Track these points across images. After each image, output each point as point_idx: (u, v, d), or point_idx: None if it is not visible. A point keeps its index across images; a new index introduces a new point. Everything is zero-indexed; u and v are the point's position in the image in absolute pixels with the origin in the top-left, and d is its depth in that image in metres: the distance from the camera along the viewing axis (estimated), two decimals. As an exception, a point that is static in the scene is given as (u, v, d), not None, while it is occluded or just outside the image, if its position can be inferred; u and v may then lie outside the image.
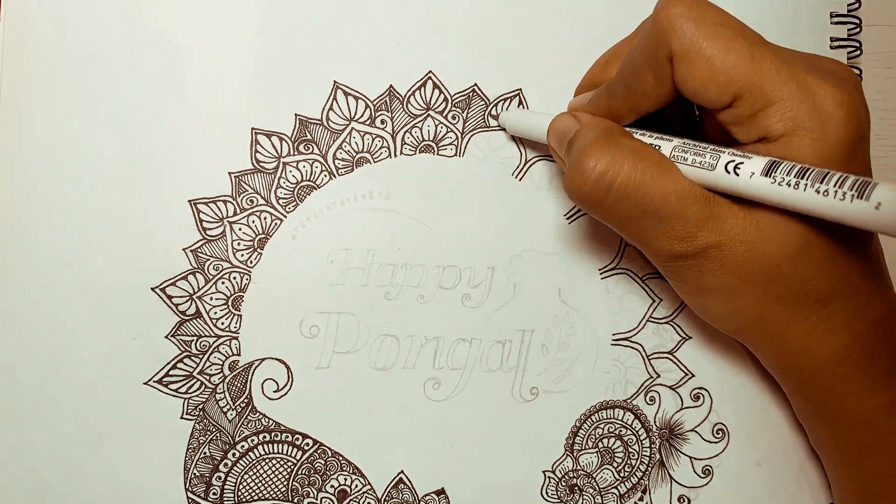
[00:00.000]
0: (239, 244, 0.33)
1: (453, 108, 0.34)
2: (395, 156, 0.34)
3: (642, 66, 0.26)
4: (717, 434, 0.34)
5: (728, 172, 0.25)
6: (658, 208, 0.26)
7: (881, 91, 0.37)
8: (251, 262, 0.33)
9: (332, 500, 0.33)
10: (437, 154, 0.34)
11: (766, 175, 0.24)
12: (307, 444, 0.33)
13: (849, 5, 0.35)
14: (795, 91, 0.24)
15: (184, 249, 0.33)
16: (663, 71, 0.26)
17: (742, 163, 0.25)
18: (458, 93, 0.34)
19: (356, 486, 0.33)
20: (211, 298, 0.33)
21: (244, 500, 0.33)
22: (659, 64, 0.26)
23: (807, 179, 0.23)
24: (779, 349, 0.28)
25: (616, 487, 0.34)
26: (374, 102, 0.34)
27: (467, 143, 0.34)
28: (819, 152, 0.24)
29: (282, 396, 0.33)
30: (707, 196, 0.26)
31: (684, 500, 0.34)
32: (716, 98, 0.25)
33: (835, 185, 0.22)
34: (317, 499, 0.33)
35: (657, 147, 0.27)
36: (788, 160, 0.24)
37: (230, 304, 0.33)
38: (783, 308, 0.26)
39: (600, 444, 0.34)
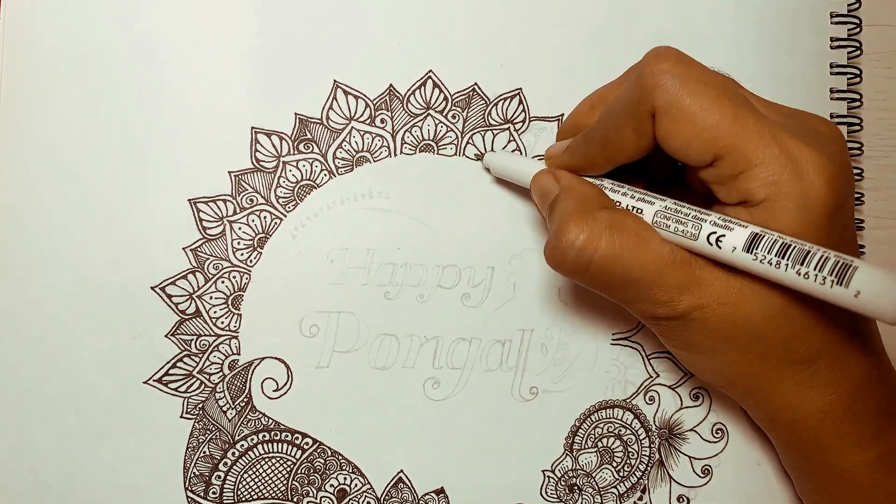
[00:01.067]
0: (239, 243, 0.33)
1: (453, 108, 0.34)
2: (395, 155, 0.34)
3: (623, 118, 0.26)
4: (717, 434, 0.34)
5: (710, 244, 0.25)
6: (637, 279, 0.26)
7: (881, 91, 0.37)
8: (251, 261, 0.33)
9: (331, 499, 0.33)
10: (437, 153, 0.34)
11: (747, 251, 0.24)
12: (307, 444, 0.33)
13: (849, 5, 0.35)
14: (777, 155, 0.24)
15: (183, 248, 0.33)
16: (644, 125, 0.26)
17: (724, 235, 0.25)
18: (458, 92, 0.34)
19: (356, 485, 0.33)
20: (211, 297, 0.33)
21: (244, 499, 0.33)
22: (641, 118, 0.26)
23: (788, 259, 0.23)
24: (764, 405, 0.28)
25: (615, 487, 0.34)
26: (374, 102, 0.34)
27: (467, 142, 0.34)
28: (800, 219, 0.24)
29: (281, 396, 0.33)
30: (688, 260, 0.26)
31: (683, 500, 0.34)
32: (697, 156, 0.25)
33: (815, 269, 0.22)
34: (316, 498, 0.33)
35: (638, 211, 0.27)
36: (770, 227, 0.24)
37: (230, 303, 0.33)
38: (767, 367, 0.27)
39: (600, 444, 0.34)
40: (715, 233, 0.25)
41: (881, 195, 0.37)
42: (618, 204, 0.28)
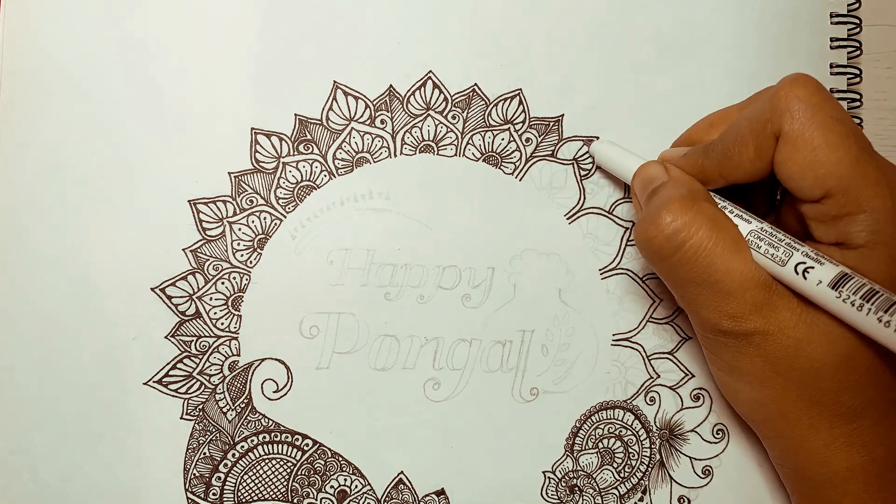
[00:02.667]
0: (239, 244, 0.33)
1: (453, 108, 0.34)
2: (395, 156, 0.34)
3: (747, 136, 0.26)
4: (717, 434, 0.34)
5: (797, 273, 0.25)
6: (718, 281, 0.26)
7: (881, 91, 0.37)
8: (251, 262, 0.33)
9: (331, 500, 0.33)
10: (437, 154, 0.34)
11: (833, 288, 0.24)
12: (307, 445, 0.33)
13: (849, 5, 0.35)
14: (889, 207, 0.24)
15: (183, 249, 0.33)
16: (766, 146, 0.26)
17: (812, 267, 0.25)
18: (458, 93, 0.34)
19: (356, 486, 0.33)
20: (211, 299, 0.33)
21: (244, 500, 0.33)
22: (764, 138, 0.26)
23: (871, 304, 0.23)
24: (793, 450, 0.28)
25: (616, 488, 0.34)
26: (374, 102, 0.34)
27: (467, 143, 0.34)
28: (890, 274, 0.24)
29: (282, 397, 0.33)
30: (769, 283, 0.26)
31: (684, 501, 0.34)
32: (809, 189, 0.25)
33: None
34: (316, 499, 0.33)
35: (737, 220, 0.27)
36: (860, 273, 0.24)
37: (230, 304, 0.33)
38: (809, 411, 0.26)
39: (600, 445, 0.34)
40: (805, 263, 0.25)
41: None
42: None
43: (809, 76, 0.26)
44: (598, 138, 0.34)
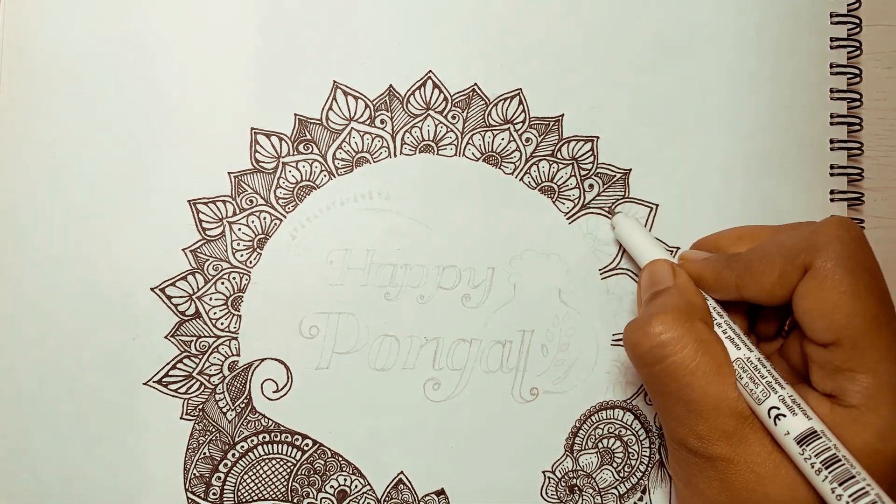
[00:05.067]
0: (238, 244, 0.33)
1: (453, 108, 0.34)
2: (395, 156, 0.34)
3: (776, 259, 0.26)
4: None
5: (768, 416, 0.25)
6: (692, 401, 0.26)
7: (881, 91, 0.37)
8: (251, 262, 0.33)
9: (331, 500, 0.33)
10: (437, 154, 0.34)
11: (798, 443, 0.24)
12: (307, 445, 0.33)
13: (849, 5, 0.35)
14: (892, 376, 0.24)
15: (183, 250, 0.33)
16: (792, 275, 0.26)
17: (784, 415, 0.25)
18: (458, 92, 0.34)
19: (356, 486, 0.33)
20: (210, 299, 0.33)
21: (244, 500, 0.33)
22: (793, 267, 0.25)
23: (829, 472, 0.23)
24: None
25: (616, 488, 0.34)
26: (374, 102, 0.34)
27: (467, 143, 0.34)
28: (873, 446, 0.24)
29: (281, 397, 0.33)
30: (745, 415, 0.26)
31: (684, 501, 0.34)
32: (821, 331, 0.25)
33: (849, 496, 0.23)
34: (316, 499, 0.33)
35: (728, 343, 0.27)
36: (842, 436, 0.24)
37: (230, 304, 0.33)
38: None
39: (600, 445, 0.34)
40: (778, 409, 0.25)
41: (881, 195, 0.37)
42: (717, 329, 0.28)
43: (855, 223, 0.26)
44: (620, 212, 0.34)
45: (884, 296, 0.25)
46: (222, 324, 0.33)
